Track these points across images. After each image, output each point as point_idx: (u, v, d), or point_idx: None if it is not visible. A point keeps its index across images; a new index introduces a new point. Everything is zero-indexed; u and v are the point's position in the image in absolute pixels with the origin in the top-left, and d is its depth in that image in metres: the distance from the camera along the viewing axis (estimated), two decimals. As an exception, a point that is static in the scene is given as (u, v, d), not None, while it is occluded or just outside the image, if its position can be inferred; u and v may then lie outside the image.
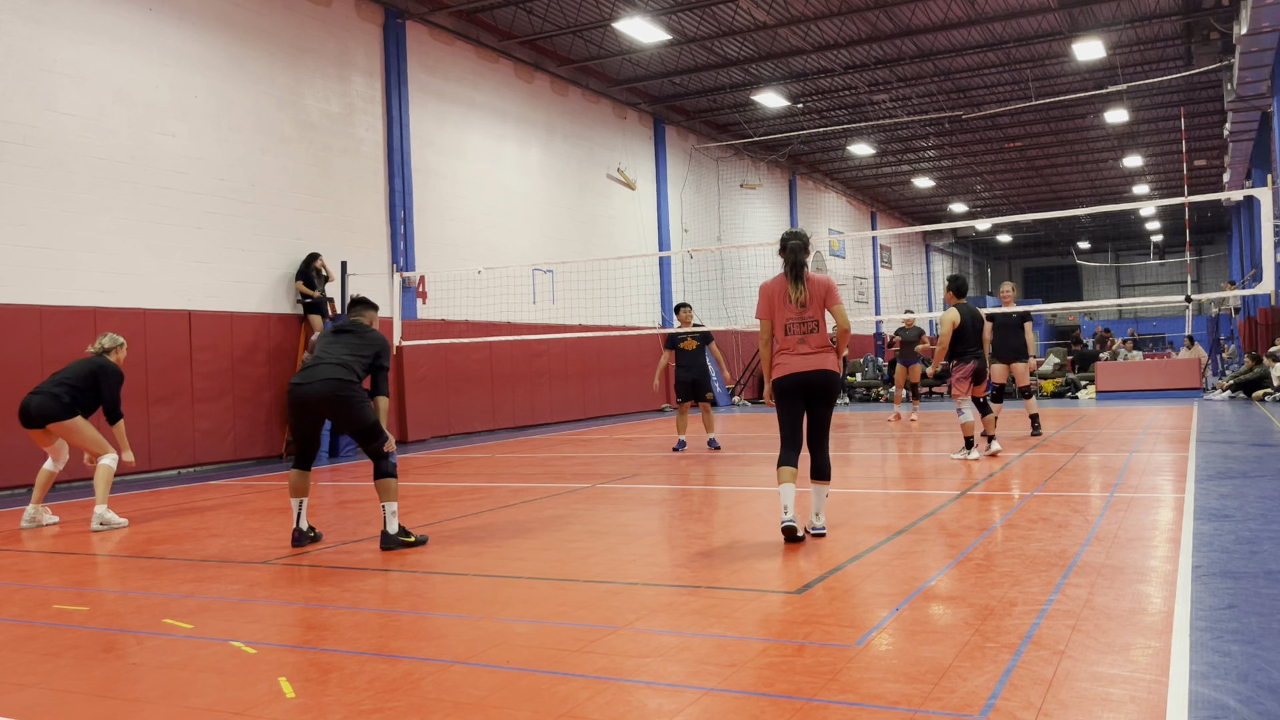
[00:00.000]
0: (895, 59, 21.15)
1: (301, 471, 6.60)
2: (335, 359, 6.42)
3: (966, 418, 10.03)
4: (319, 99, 14.64)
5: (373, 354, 6.58)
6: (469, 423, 16.89)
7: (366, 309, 6.97)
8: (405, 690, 3.50)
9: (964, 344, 10.04)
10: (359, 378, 6.46)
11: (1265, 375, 18.35)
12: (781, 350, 6.08)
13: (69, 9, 11.42)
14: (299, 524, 6.60)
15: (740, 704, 3.25)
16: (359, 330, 6.70)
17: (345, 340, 6.59)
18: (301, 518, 6.60)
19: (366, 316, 6.92)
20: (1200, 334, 31.89)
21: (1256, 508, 6.52)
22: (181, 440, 12.31)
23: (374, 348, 6.63)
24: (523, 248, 18.69)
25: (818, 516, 6.11)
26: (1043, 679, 3.35)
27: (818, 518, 6.11)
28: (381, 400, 6.62)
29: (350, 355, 6.47)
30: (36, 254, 11.00)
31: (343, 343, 6.57)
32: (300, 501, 6.61)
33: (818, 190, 33.22)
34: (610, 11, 17.51)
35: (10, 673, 3.92)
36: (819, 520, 6.10)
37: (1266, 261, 10.97)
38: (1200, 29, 19.48)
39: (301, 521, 6.61)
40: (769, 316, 6.16)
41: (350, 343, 6.58)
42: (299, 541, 6.58)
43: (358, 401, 6.35)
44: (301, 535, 6.59)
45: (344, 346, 6.53)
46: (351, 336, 6.63)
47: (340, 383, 6.29)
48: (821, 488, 6.08)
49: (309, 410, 6.37)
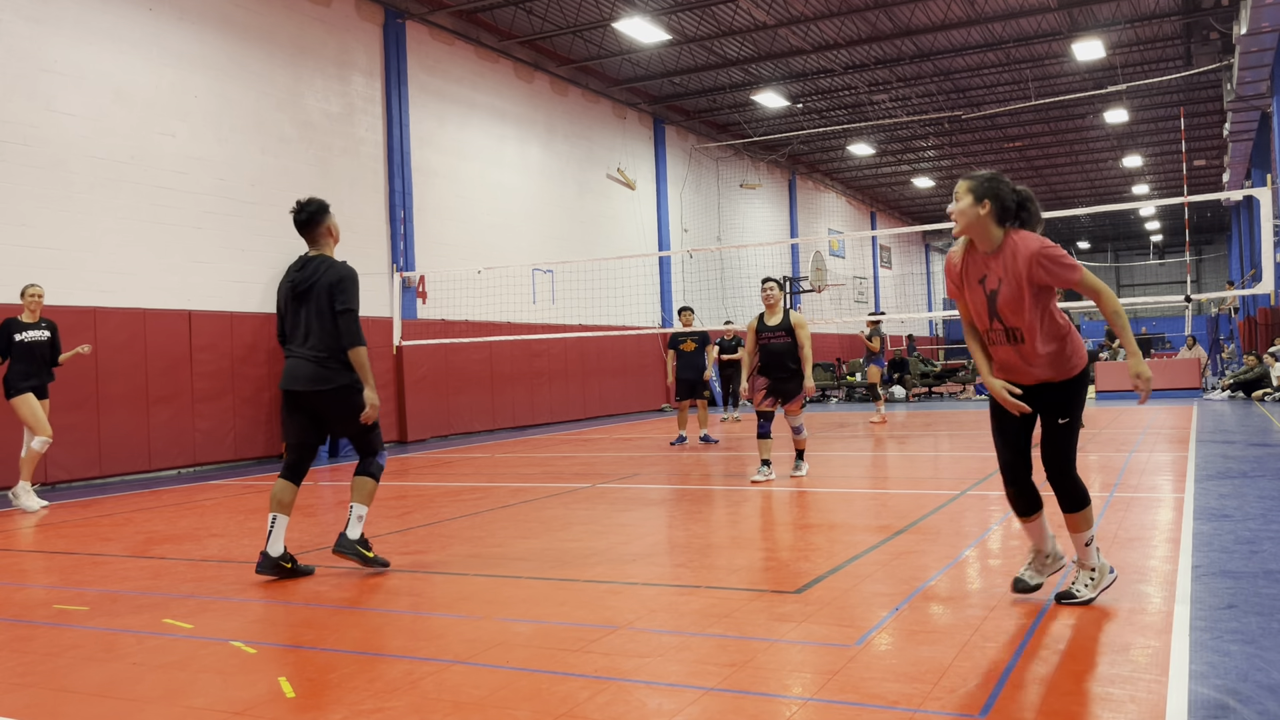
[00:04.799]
0: (895, 59, 21.15)
1: (287, 483, 5.48)
2: (307, 351, 5.42)
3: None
4: (319, 99, 14.64)
5: (331, 310, 5.40)
6: (469, 423, 16.89)
7: (314, 223, 5.60)
8: (405, 690, 3.49)
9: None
10: (341, 361, 5.40)
11: (1265, 375, 18.35)
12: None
13: (69, 9, 11.42)
14: (269, 545, 5.35)
15: (740, 704, 3.25)
16: (315, 280, 5.45)
17: (303, 314, 5.46)
18: (275, 538, 5.36)
19: (321, 241, 5.63)
20: (1200, 334, 31.88)
21: (1256, 508, 6.51)
22: (181, 440, 12.31)
23: (330, 296, 5.40)
24: (522, 248, 18.69)
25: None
26: (1043, 679, 3.35)
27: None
28: (353, 355, 5.39)
29: (317, 335, 5.40)
30: (36, 254, 10.99)
31: (302, 319, 5.46)
32: (276, 518, 5.38)
33: (817, 190, 33.22)
34: (610, 11, 17.51)
35: (10, 673, 3.92)
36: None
37: (1266, 261, 10.98)
38: (1200, 29, 19.49)
39: (274, 543, 5.35)
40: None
41: (313, 312, 5.42)
42: (265, 568, 5.35)
43: (343, 398, 5.43)
44: (270, 562, 5.35)
45: (304, 326, 5.45)
46: (311, 302, 5.44)
47: (320, 381, 5.37)
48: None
49: (298, 409, 5.51)
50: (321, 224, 5.64)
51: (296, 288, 5.50)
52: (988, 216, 4.15)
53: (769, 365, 8.83)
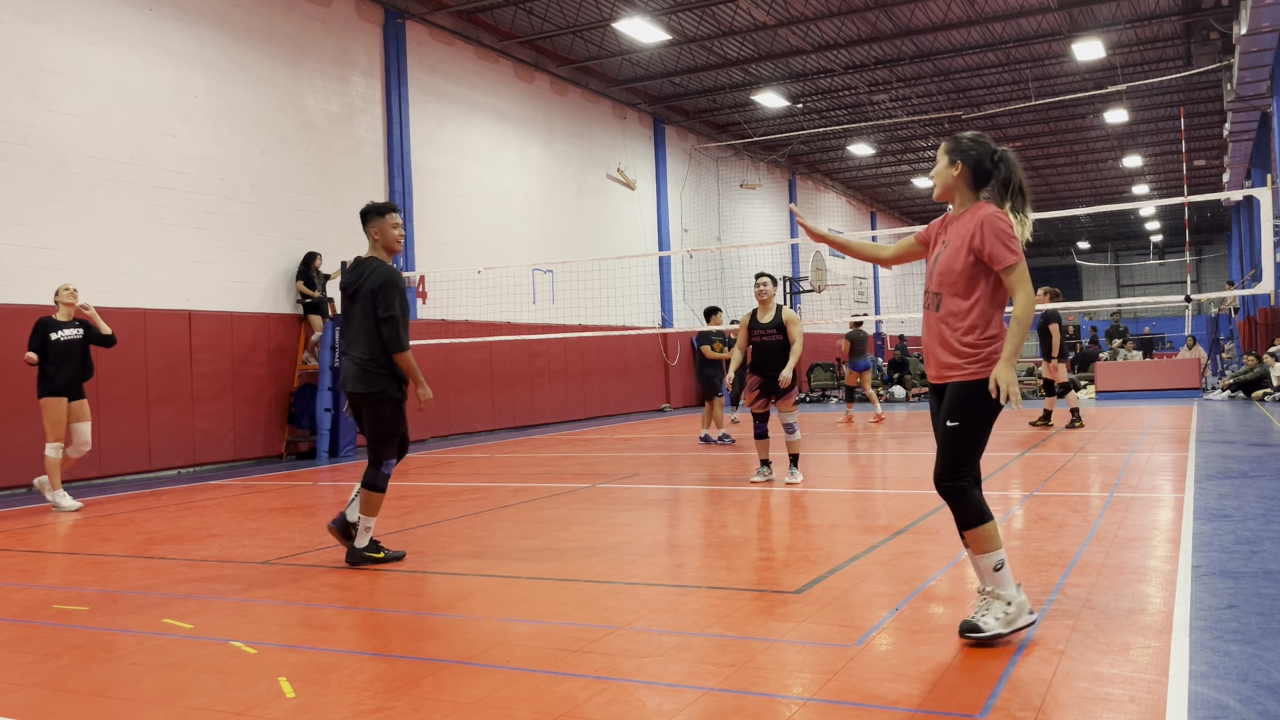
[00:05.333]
0: (895, 59, 21.15)
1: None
2: (354, 354, 5.61)
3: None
4: (319, 99, 14.64)
5: (375, 316, 5.52)
6: (469, 423, 16.89)
7: (364, 223, 5.73)
8: (405, 690, 3.50)
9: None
10: (383, 366, 5.57)
11: (1265, 375, 18.35)
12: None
13: (69, 9, 11.42)
14: (348, 509, 5.74)
15: (740, 704, 3.25)
16: (361, 284, 5.58)
17: (354, 316, 5.63)
18: (353, 506, 5.74)
19: (371, 242, 5.71)
20: (1200, 334, 31.88)
21: (1256, 508, 6.52)
22: (181, 440, 12.31)
23: (373, 303, 5.50)
24: (523, 248, 18.68)
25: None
26: (1043, 679, 3.35)
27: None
28: (399, 360, 5.56)
29: (363, 340, 5.56)
30: (36, 254, 11.00)
31: (353, 322, 5.63)
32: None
33: (817, 190, 33.22)
34: (610, 11, 17.51)
35: (10, 673, 3.92)
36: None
37: (1266, 261, 10.98)
38: (1200, 29, 19.49)
39: (351, 509, 5.72)
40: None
41: (359, 316, 5.58)
42: (335, 525, 5.75)
43: (372, 403, 5.63)
44: (341, 522, 5.74)
45: (354, 329, 5.63)
46: (358, 305, 5.59)
47: (360, 384, 5.59)
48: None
49: (355, 409, 5.78)
50: (368, 225, 5.72)
51: (346, 290, 5.68)
52: (960, 179, 3.98)
53: (761, 363, 8.70)
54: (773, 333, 8.64)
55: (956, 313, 3.91)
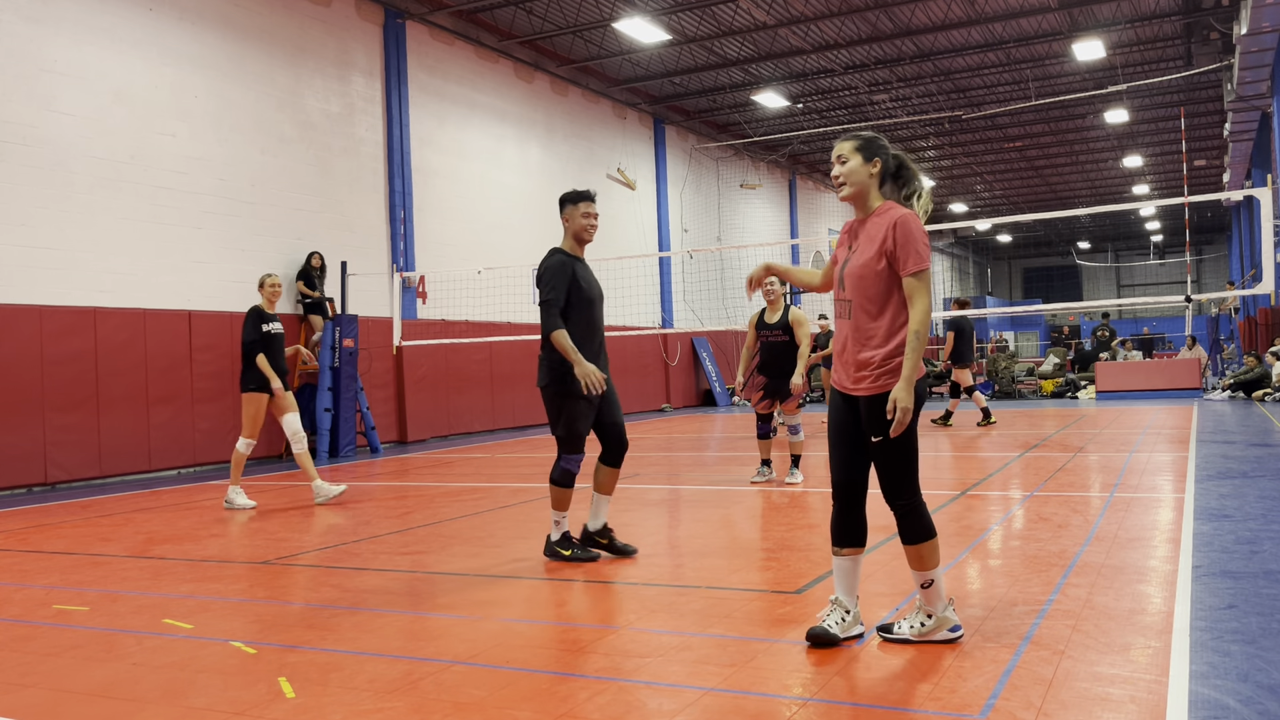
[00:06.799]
0: (895, 59, 21.15)
1: (601, 465, 5.78)
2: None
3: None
4: (319, 99, 14.64)
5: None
6: (469, 423, 16.89)
7: (562, 208, 5.69)
8: (405, 690, 3.49)
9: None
10: (546, 360, 5.54)
11: (1265, 375, 18.35)
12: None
13: (69, 9, 11.42)
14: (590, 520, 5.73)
15: (740, 704, 3.24)
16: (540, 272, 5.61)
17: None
18: (594, 515, 5.73)
19: (563, 232, 5.68)
20: (1200, 334, 31.88)
21: (1256, 508, 6.51)
22: (181, 440, 12.31)
23: (538, 288, 5.52)
24: (523, 248, 18.68)
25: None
26: (1043, 679, 3.35)
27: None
28: (554, 340, 5.42)
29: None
30: (36, 254, 11.00)
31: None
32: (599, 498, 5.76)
33: (818, 190, 33.22)
34: (610, 11, 17.51)
35: (10, 673, 3.91)
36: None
37: (1266, 261, 10.98)
38: (1200, 29, 19.48)
39: (593, 519, 5.73)
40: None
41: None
42: (586, 541, 5.71)
43: (545, 397, 5.62)
44: (587, 536, 5.75)
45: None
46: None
47: (540, 378, 5.60)
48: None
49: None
50: (561, 212, 5.69)
51: (537, 283, 5.64)
52: (875, 178, 3.88)
53: (768, 363, 8.69)
54: (779, 333, 8.59)
55: (870, 319, 3.79)
